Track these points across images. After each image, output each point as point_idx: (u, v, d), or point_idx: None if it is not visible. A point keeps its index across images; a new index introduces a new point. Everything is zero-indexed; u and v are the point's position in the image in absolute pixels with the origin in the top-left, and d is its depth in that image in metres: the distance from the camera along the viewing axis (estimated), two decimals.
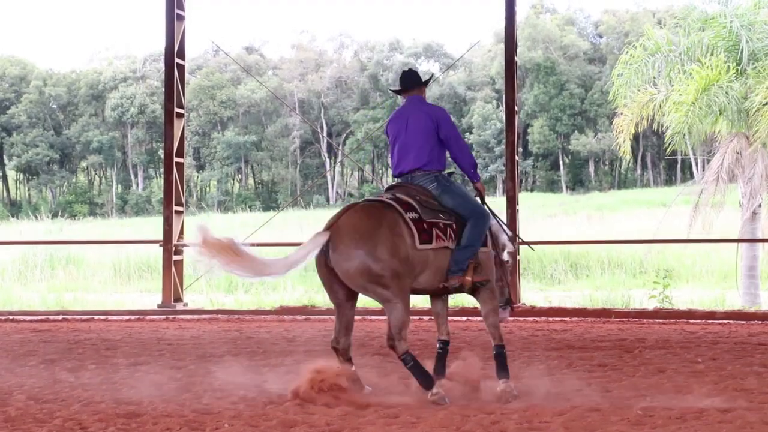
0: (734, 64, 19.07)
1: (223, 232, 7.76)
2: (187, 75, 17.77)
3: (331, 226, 7.47)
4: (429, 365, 7.78)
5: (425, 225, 7.54)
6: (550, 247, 25.71)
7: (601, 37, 68.57)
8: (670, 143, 19.69)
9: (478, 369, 8.16)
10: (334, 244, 7.36)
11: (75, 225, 47.08)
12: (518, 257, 15.05)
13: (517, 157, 16.15)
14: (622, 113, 20.42)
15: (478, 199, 8.06)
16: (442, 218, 7.66)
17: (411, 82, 8.17)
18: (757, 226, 20.05)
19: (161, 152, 42.65)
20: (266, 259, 7.54)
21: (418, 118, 7.95)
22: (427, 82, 8.23)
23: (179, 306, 16.13)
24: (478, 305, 7.98)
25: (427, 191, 7.81)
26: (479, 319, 8.86)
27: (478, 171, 8.21)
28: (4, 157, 68.38)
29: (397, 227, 7.44)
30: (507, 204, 15.55)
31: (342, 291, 7.57)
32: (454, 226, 7.69)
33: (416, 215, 7.55)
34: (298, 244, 7.75)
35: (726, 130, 19.77)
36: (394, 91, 8.52)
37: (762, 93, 18.50)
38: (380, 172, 69.01)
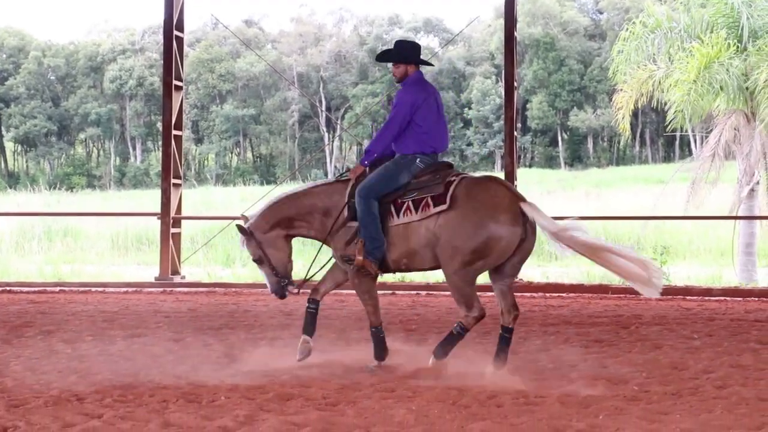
0: (735, 41, 18.99)
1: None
2: (186, 48, 17.69)
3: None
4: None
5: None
6: None
7: (601, 13, 68.28)
8: (671, 121, 19.61)
9: None
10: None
11: (73, 197, 46.91)
12: None
13: (515, 133, 16.09)
14: (621, 89, 20.36)
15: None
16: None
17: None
18: (754, 203, 20.02)
19: (159, 125, 42.41)
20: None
21: None
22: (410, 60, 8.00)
23: (177, 279, 16.14)
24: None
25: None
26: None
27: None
28: (2, 128, 68.18)
29: None
30: (505, 179, 15.50)
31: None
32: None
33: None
34: None
35: (725, 106, 19.70)
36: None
37: (765, 71, 18.42)
38: None
